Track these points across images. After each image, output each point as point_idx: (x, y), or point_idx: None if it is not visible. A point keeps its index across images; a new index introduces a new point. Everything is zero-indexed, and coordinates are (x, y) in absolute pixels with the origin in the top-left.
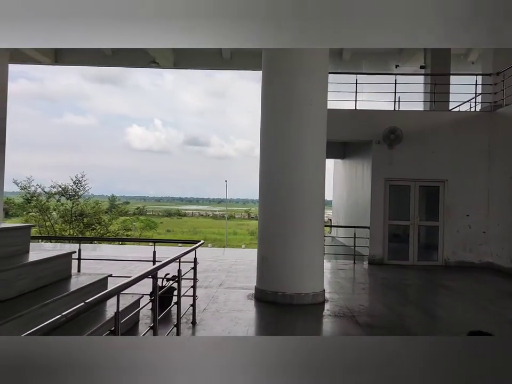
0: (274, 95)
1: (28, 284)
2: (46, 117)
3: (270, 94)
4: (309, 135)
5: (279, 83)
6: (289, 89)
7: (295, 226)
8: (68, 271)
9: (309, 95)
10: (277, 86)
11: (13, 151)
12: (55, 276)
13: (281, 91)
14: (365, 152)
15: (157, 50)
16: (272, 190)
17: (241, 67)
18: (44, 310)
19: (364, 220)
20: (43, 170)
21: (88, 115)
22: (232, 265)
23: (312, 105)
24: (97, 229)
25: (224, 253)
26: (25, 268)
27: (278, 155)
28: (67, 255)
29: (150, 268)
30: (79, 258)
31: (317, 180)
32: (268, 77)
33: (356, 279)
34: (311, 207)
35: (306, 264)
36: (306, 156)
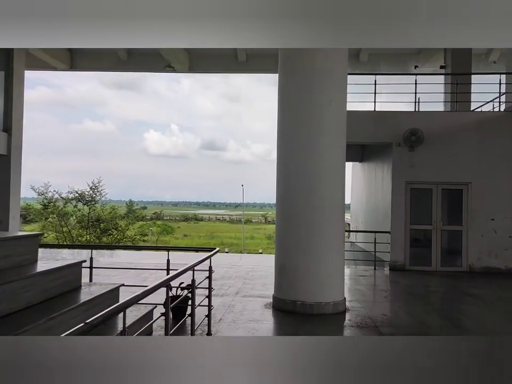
0: (291, 96)
1: (36, 296)
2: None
3: (286, 95)
4: (328, 137)
5: (296, 84)
6: (306, 90)
7: (315, 233)
8: (77, 281)
9: (327, 96)
10: (293, 87)
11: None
12: (64, 286)
13: (298, 92)
14: (384, 155)
15: (172, 54)
16: (290, 195)
17: (257, 70)
18: (51, 324)
19: (384, 224)
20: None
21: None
22: (249, 272)
23: (331, 106)
24: (114, 234)
25: (240, 259)
26: (32, 279)
27: (296, 158)
28: (77, 265)
29: (163, 279)
30: (91, 267)
31: (337, 183)
32: (284, 78)
33: (377, 286)
34: (331, 212)
35: (327, 272)
36: (326, 159)
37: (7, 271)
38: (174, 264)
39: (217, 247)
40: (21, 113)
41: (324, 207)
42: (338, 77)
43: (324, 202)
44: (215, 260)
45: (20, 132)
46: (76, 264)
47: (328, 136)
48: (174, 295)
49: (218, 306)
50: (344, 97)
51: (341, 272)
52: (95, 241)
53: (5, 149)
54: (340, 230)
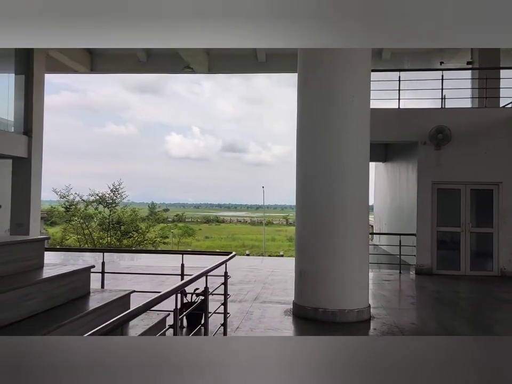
0: (311, 92)
1: (40, 304)
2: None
3: (306, 91)
4: (351, 134)
5: (316, 79)
6: (327, 85)
7: (338, 235)
8: (86, 288)
9: (350, 91)
10: (314, 82)
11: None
12: (71, 293)
13: (319, 88)
14: (409, 154)
15: (191, 55)
16: (310, 196)
17: (277, 70)
18: (56, 334)
19: (409, 226)
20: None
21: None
22: (269, 276)
23: (353, 101)
24: (135, 237)
25: (260, 262)
26: (37, 286)
27: (317, 157)
28: (85, 270)
29: (174, 286)
30: (102, 272)
31: (361, 183)
32: (304, 73)
33: (403, 291)
34: (355, 213)
35: (350, 277)
36: (349, 158)
37: (10, 278)
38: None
39: (234, 252)
40: (41, 116)
41: (347, 208)
42: (361, 71)
43: (347, 204)
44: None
45: (40, 135)
46: (84, 270)
47: (351, 133)
48: (188, 301)
49: (236, 313)
50: (368, 93)
51: (365, 277)
52: (116, 243)
53: (26, 151)
54: (364, 232)
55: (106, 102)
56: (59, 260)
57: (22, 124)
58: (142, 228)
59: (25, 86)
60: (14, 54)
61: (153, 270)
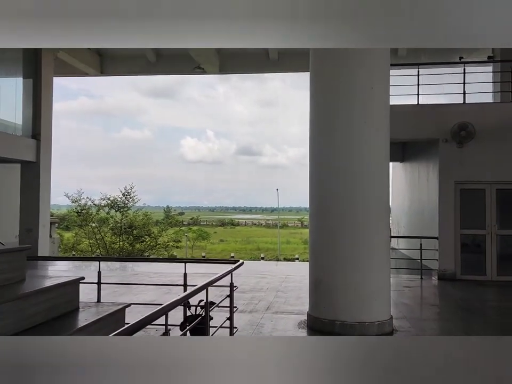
0: (325, 85)
1: (16, 324)
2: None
3: (320, 84)
4: (369, 132)
5: (330, 70)
6: (343, 76)
7: (355, 241)
8: (73, 303)
9: (368, 81)
10: (328, 73)
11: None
12: (55, 310)
13: (333, 78)
14: (429, 153)
15: (201, 55)
16: (325, 200)
17: (289, 69)
18: None
19: (430, 229)
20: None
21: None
22: (282, 283)
23: (372, 88)
24: (147, 241)
25: (273, 267)
26: (12, 304)
27: (332, 158)
28: (72, 283)
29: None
30: (99, 283)
31: (381, 186)
32: (317, 65)
33: (426, 299)
34: (374, 218)
35: (370, 286)
36: (367, 156)
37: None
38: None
39: (241, 260)
40: (49, 119)
41: (365, 211)
42: (379, 61)
43: (365, 206)
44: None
45: (49, 138)
46: (70, 283)
47: (369, 129)
48: (192, 314)
49: (245, 325)
50: (387, 84)
51: (387, 286)
52: (128, 248)
53: (34, 155)
54: (385, 237)
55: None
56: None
57: (30, 128)
58: (154, 232)
59: (33, 89)
60: (21, 57)
61: (161, 276)
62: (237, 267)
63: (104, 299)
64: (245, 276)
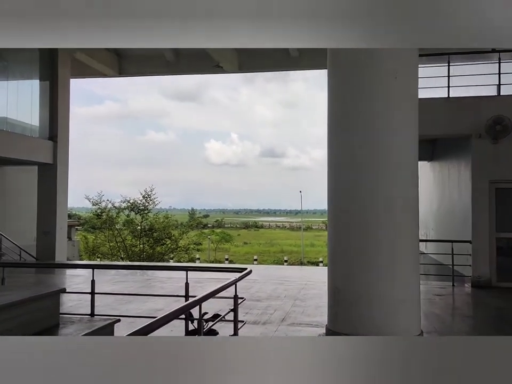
0: (344, 74)
1: None
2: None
3: (338, 73)
4: (396, 125)
5: (349, 58)
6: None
7: (380, 248)
8: (52, 318)
9: (392, 68)
10: (347, 60)
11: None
12: (30, 327)
13: (353, 65)
14: (461, 150)
15: (220, 53)
16: (346, 201)
17: (310, 66)
18: None
19: (463, 232)
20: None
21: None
22: (301, 290)
23: (396, 78)
24: (167, 244)
25: (294, 272)
26: None
27: (352, 152)
28: (50, 296)
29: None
30: (92, 293)
31: (408, 186)
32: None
33: (459, 309)
34: (402, 219)
35: (398, 296)
36: (394, 152)
37: None
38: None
39: (249, 268)
40: (67, 121)
41: (392, 214)
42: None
43: (392, 208)
44: (264, 274)
45: (66, 140)
46: (47, 296)
47: (395, 122)
48: (195, 328)
49: None
50: (414, 72)
51: (416, 296)
52: (149, 251)
53: (51, 157)
54: (414, 241)
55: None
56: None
57: (47, 129)
58: (174, 235)
59: (50, 90)
60: (38, 59)
61: (174, 282)
62: (244, 276)
63: (106, 308)
64: (262, 282)
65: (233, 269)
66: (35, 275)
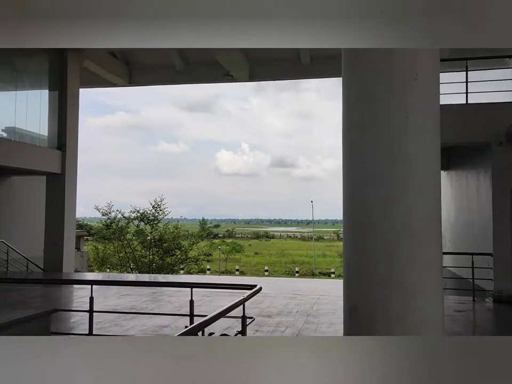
0: (360, 74)
1: None
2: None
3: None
4: (416, 129)
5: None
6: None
7: (401, 261)
8: None
9: (411, 68)
10: (363, 59)
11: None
12: None
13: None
14: (480, 158)
15: (231, 62)
16: (363, 210)
17: (322, 74)
18: None
19: (482, 244)
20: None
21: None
22: (314, 305)
23: (416, 80)
24: (177, 255)
25: (306, 285)
26: None
27: (371, 161)
28: (40, 318)
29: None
30: (91, 311)
31: (432, 198)
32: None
33: (482, 326)
34: (423, 232)
35: (419, 316)
36: (414, 158)
37: None
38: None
39: (259, 285)
40: (75, 130)
41: (412, 226)
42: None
43: (412, 220)
44: (275, 288)
45: (75, 150)
46: (36, 318)
47: (415, 127)
48: None
49: None
50: (435, 72)
51: (439, 315)
52: (158, 262)
53: (59, 167)
54: (436, 256)
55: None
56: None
57: (55, 139)
58: (184, 246)
59: (58, 99)
60: (47, 68)
61: (182, 295)
62: (253, 294)
63: (109, 324)
64: (273, 296)
65: (241, 286)
66: (41, 287)
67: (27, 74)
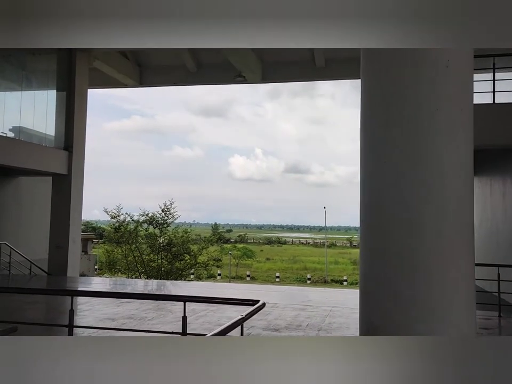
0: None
1: None
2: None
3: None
4: (446, 128)
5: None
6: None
7: (428, 279)
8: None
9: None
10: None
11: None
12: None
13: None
14: (506, 163)
15: (243, 63)
16: (383, 218)
17: (337, 76)
18: None
19: (509, 255)
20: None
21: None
22: (326, 317)
23: (448, 67)
24: (186, 259)
25: (317, 294)
26: None
27: (390, 160)
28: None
29: None
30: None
31: (464, 198)
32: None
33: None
34: (454, 243)
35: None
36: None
37: None
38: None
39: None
40: (83, 131)
41: (441, 234)
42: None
43: (441, 228)
44: (284, 297)
45: (82, 151)
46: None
47: (445, 125)
48: None
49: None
50: (469, 59)
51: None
52: (167, 266)
53: (65, 168)
54: (468, 270)
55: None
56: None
57: (62, 139)
58: (193, 250)
59: (67, 100)
60: (55, 68)
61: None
62: (255, 311)
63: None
64: (282, 307)
65: (241, 301)
66: None
67: (35, 74)
